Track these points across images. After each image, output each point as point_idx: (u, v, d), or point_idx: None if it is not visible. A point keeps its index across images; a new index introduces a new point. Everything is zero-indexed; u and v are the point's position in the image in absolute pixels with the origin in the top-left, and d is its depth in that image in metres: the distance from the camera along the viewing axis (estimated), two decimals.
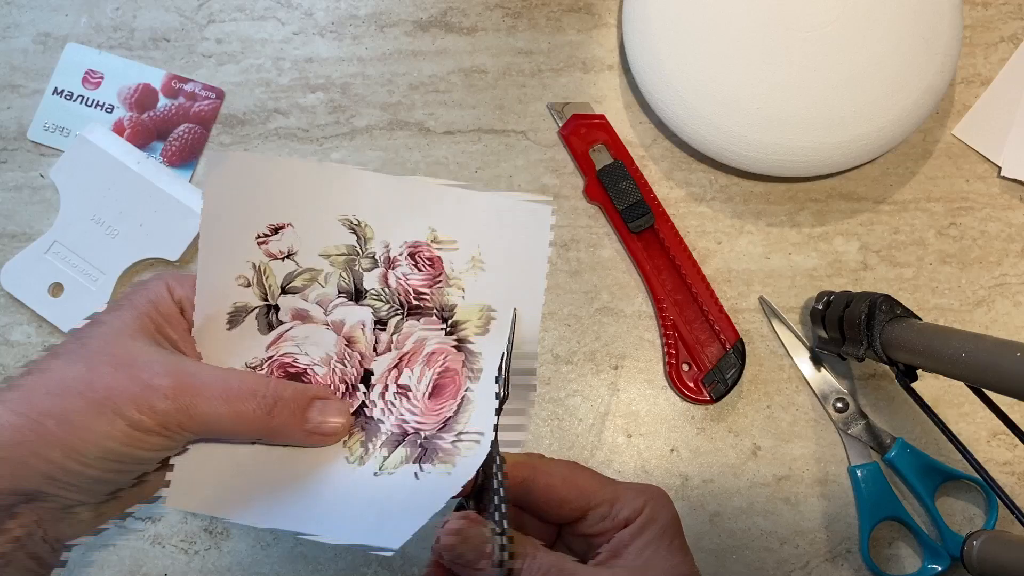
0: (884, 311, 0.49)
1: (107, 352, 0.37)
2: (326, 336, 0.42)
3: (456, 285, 0.42)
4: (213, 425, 0.38)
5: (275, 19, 0.61)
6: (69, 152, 0.58)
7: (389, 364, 0.42)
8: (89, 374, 0.37)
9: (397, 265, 0.42)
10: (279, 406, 0.39)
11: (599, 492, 0.39)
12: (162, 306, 0.40)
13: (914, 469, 0.54)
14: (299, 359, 0.42)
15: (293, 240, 0.42)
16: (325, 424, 0.40)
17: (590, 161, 0.58)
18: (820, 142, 0.55)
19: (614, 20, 0.61)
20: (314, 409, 0.40)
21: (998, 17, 0.61)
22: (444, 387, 0.41)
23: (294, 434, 0.40)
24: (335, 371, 0.41)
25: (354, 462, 0.41)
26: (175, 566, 0.54)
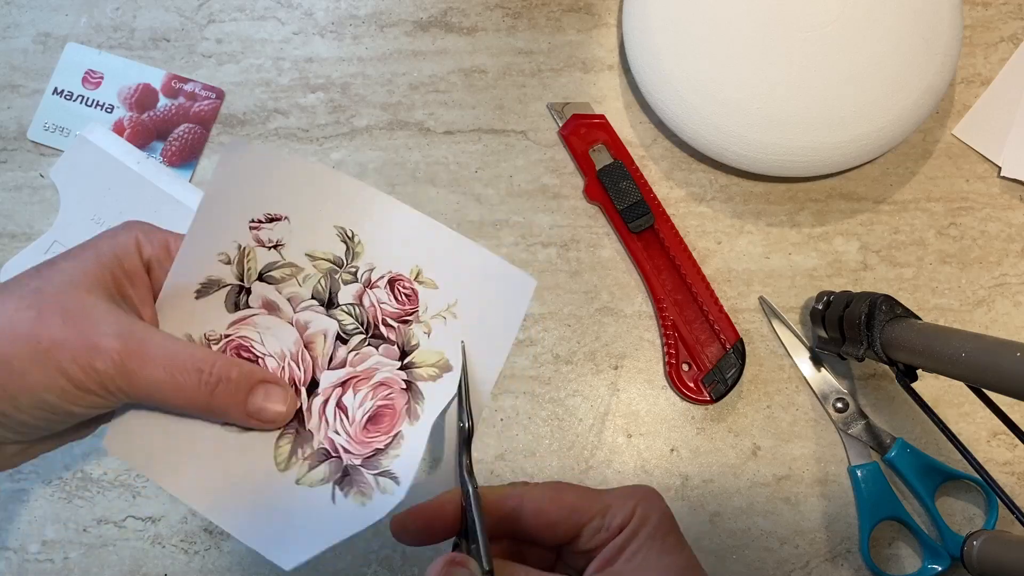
0: (884, 311, 0.49)
1: (60, 302, 0.37)
2: (287, 333, 0.42)
3: (425, 326, 0.43)
4: (153, 394, 0.37)
5: (275, 19, 0.61)
6: (69, 152, 0.58)
7: (338, 379, 0.42)
8: (38, 322, 0.36)
9: (375, 288, 0.43)
10: (222, 386, 0.38)
11: (589, 506, 0.38)
12: (127, 261, 0.39)
13: (914, 469, 0.54)
14: (255, 346, 0.42)
15: (285, 233, 0.42)
16: (267, 409, 0.40)
17: (590, 161, 0.58)
18: (820, 142, 0.55)
19: (614, 20, 0.61)
20: (258, 392, 0.40)
21: (998, 17, 0.61)
22: (381, 419, 0.42)
23: (234, 415, 0.39)
24: (286, 369, 0.42)
25: (280, 464, 0.41)
26: (175, 566, 0.54)
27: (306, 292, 0.42)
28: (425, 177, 0.59)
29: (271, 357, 0.42)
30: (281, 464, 0.41)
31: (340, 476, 0.40)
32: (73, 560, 0.54)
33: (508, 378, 0.56)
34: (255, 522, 0.39)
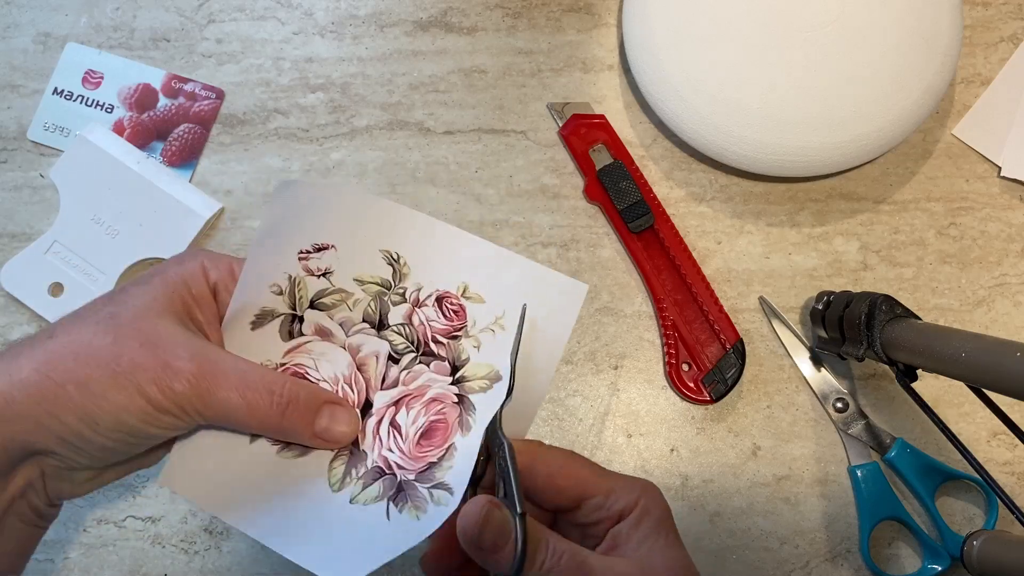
0: (884, 311, 0.49)
1: (135, 327, 0.38)
2: (341, 357, 0.43)
3: (474, 340, 0.43)
4: (227, 414, 0.39)
5: (275, 19, 0.61)
6: (69, 152, 0.58)
7: (391, 399, 0.43)
8: (116, 347, 0.37)
9: (424, 307, 0.44)
10: (292, 406, 0.40)
11: (596, 483, 0.40)
12: (195, 286, 0.41)
13: (914, 469, 0.54)
14: (310, 372, 0.43)
15: (333, 261, 0.43)
16: (333, 429, 0.41)
17: (590, 161, 0.58)
18: (820, 142, 0.55)
19: (614, 20, 0.61)
20: (324, 414, 0.41)
21: (998, 17, 0.61)
22: (434, 434, 0.42)
23: (302, 435, 0.41)
24: (340, 392, 0.42)
25: (334, 484, 0.41)
26: (175, 566, 0.54)
27: (357, 316, 0.43)
28: (425, 177, 0.59)
29: (325, 382, 0.42)
30: (335, 485, 0.41)
31: (394, 492, 0.41)
32: (73, 560, 0.54)
33: None
34: (312, 544, 0.40)
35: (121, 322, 0.38)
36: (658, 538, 0.38)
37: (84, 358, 0.37)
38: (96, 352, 0.37)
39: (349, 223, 0.43)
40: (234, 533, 0.54)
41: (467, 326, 0.43)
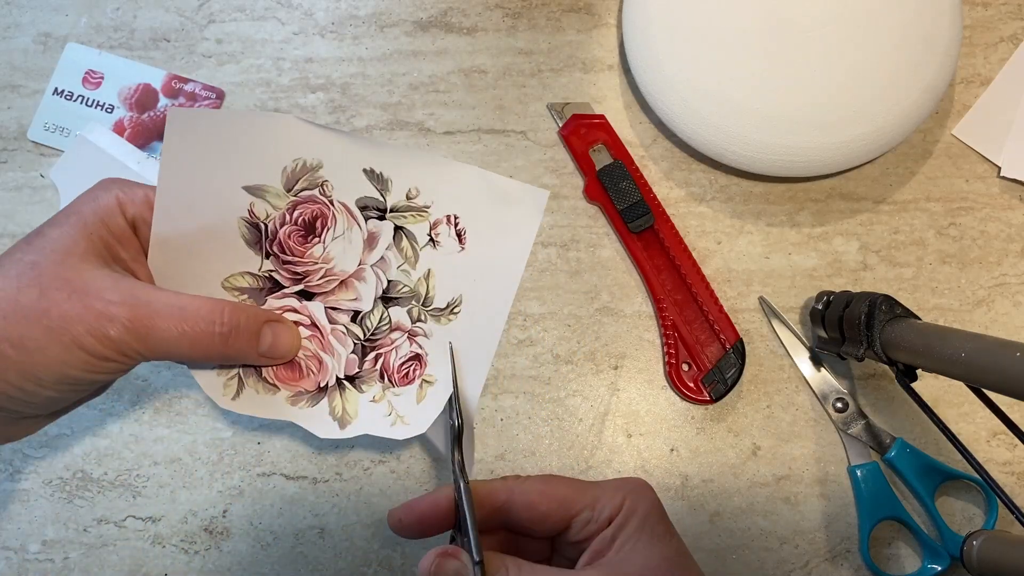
0: (884, 311, 0.49)
1: (59, 276, 0.37)
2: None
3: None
4: (169, 350, 0.38)
5: (275, 19, 0.61)
6: (69, 152, 0.58)
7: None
8: (43, 300, 0.37)
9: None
10: (234, 334, 0.39)
11: (578, 498, 0.39)
12: (112, 223, 0.40)
13: (914, 469, 0.54)
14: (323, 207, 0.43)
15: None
16: (277, 347, 0.42)
17: (590, 161, 0.58)
18: (820, 142, 0.55)
19: (614, 20, 0.61)
20: (265, 333, 0.41)
21: (998, 17, 0.61)
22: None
23: (248, 357, 0.41)
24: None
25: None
26: (175, 566, 0.54)
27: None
28: None
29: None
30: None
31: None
32: (73, 560, 0.54)
33: (508, 378, 0.56)
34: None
35: (44, 272, 0.37)
36: (640, 537, 0.38)
37: (14, 316, 0.36)
38: (25, 308, 0.36)
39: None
40: (234, 533, 0.54)
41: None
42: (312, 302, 0.43)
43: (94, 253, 0.38)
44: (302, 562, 0.54)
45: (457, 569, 0.36)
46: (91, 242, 0.39)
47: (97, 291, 0.37)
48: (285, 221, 0.43)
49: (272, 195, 0.42)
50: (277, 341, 0.42)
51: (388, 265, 0.44)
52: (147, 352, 0.38)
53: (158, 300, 0.38)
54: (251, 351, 0.41)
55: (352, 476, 0.55)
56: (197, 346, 0.38)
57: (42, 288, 0.37)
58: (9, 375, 0.36)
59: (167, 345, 0.38)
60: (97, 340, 0.37)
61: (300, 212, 0.43)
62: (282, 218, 0.43)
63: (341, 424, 0.43)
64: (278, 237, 0.43)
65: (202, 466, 0.55)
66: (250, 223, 0.42)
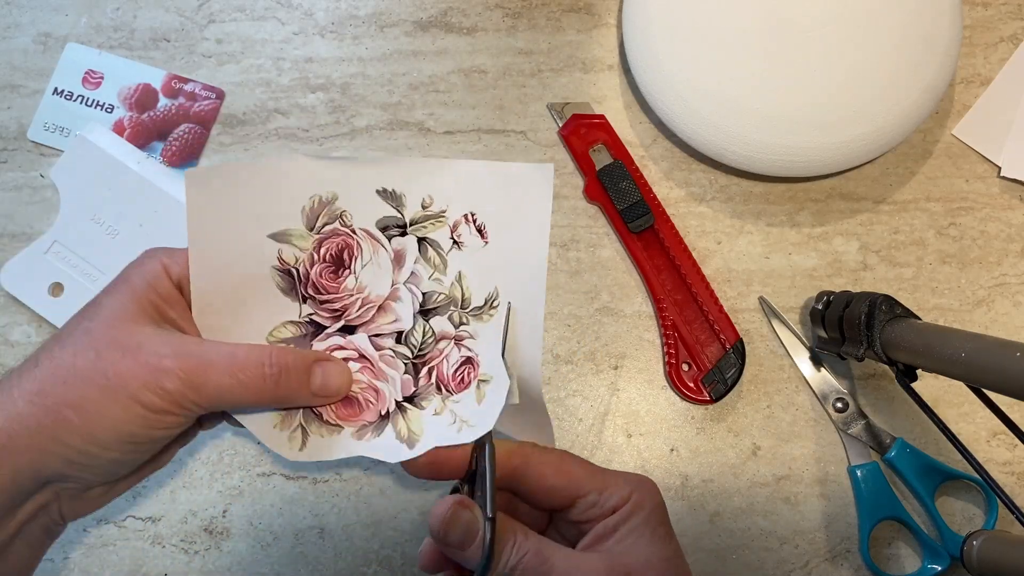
0: (884, 311, 0.49)
1: (113, 338, 0.38)
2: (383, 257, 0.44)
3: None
4: (224, 398, 0.39)
5: (275, 19, 0.61)
6: (69, 152, 0.58)
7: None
8: (99, 361, 0.38)
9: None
10: (284, 375, 0.40)
11: (588, 481, 0.40)
12: (160, 286, 0.41)
13: (914, 469, 0.54)
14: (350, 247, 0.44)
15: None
16: (329, 385, 0.42)
17: (590, 161, 0.58)
18: (820, 142, 0.55)
19: (614, 20, 0.61)
20: (316, 373, 0.42)
21: (998, 17, 0.61)
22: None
23: (301, 398, 0.42)
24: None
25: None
26: (175, 566, 0.54)
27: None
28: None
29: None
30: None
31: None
32: (73, 560, 0.54)
33: None
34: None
35: (97, 336, 0.38)
36: (643, 532, 0.39)
37: (72, 380, 0.37)
38: (82, 371, 0.37)
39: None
40: (234, 533, 0.54)
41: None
42: (356, 335, 0.43)
43: (144, 315, 0.40)
44: (302, 562, 0.54)
45: (469, 520, 0.37)
46: (140, 305, 0.40)
47: (149, 348, 0.38)
48: (314, 261, 0.43)
49: (297, 237, 0.43)
50: (328, 379, 0.42)
51: (419, 278, 0.44)
52: (203, 402, 0.38)
53: (209, 351, 0.39)
54: (303, 391, 0.41)
55: (352, 476, 0.55)
56: (250, 391, 0.39)
57: (97, 351, 0.38)
58: (73, 440, 0.37)
59: (221, 392, 0.39)
60: (154, 394, 0.37)
61: (326, 248, 0.43)
62: (311, 258, 0.43)
63: (410, 444, 0.42)
64: (311, 278, 0.43)
65: (202, 466, 0.55)
66: (282, 271, 0.43)
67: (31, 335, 0.57)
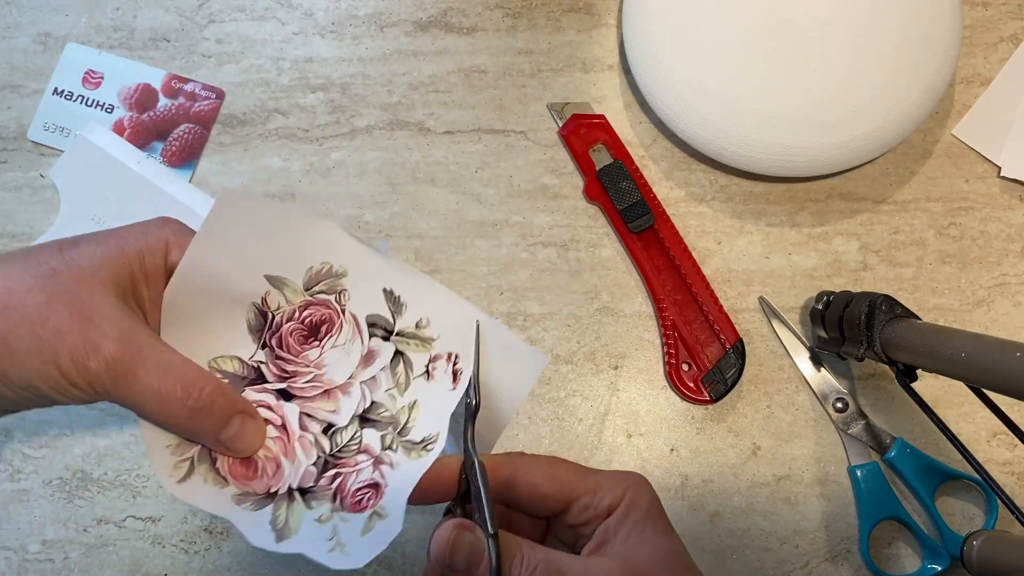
0: (884, 311, 0.49)
1: (71, 292, 0.37)
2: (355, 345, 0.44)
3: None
4: (135, 402, 0.38)
5: (275, 19, 0.61)
6: (69, 152, 0.58)
7: None
8: (46, 308, 0.36)
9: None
10: (203, 413, 0.39)
11: (580, 484, 0.40)
12: (150, 261, 0.39)
13: (914, 469, 0.54)
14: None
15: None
16: (238, 441, 0.40)
17: (590, 161, 0.58)
18: (820, 142, 0.55)
19: (614, 20, 0.61)
20: (233, 423, 0.40)
21: (998, 17, 0.61)
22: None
23: (207, 439, 0.40)
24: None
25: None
26: (175, 566, 0.54)
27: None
28: (425, 177, 0.59)
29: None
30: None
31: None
32: (73, 560, 0.54)
33: None
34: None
35: (60, 282, 0.37)
36: (644, 529, 0.38)
37: (11, 312, 0.36)
38: (25, 309, 0.36)
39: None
40: (234, 533, 0.54)
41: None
42: (289, 403, 0.43)
43: (116, 282, 0.38)
44: (302, 562, 0.54)
45: (473, 542, 0.36)
46: (118, 270, 0.38)
47: (99, 319, 0.37)
48: (292, 317, 0.42)
49: (290, 289, 0.42)
50: (242, 434, 0.40)
51: (377, 386, 0.43)
52: (115, 395, 0.37)
53: (150, 350, 0.38)
54: (212, 435, 0.40)
55: None
56: (163, 409, 0.38)
57: (50, 296, 0.37)
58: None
59: (136, 397, 0.37)
60: (75, 365, 0.36)
61: (310, 313, 0.43)
62: (291, 314, 0.42)
63: (279, 536, 0.41)
64: (280, 331, 0.43)
65: None
66: (259, 310, 0.42)
67: None
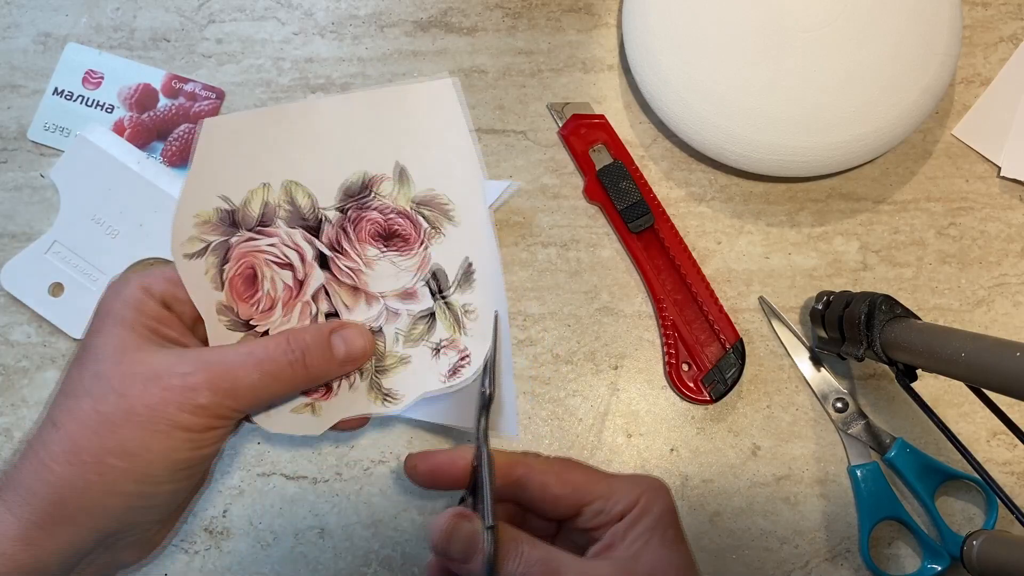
0: (884, 311, 0.49)
1: (127, 373, 0.37)
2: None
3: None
4: (259, 396, 0.39)
5: (275, 19, 0.61)
6: (69, 152, 0.58)
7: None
8: (124, 401, 0.36)
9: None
10: (308, 355, 0.40)
11: (594, 488, 0.39)
12: (147, 309, 0.40)
13: (914, 469, 0.54)
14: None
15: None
16: (353, 349, 0.42)
17: (590, 161, 0.58)
18: (820, 142, 0.55)
19: (614, 20, 0.61)
20: (336, 342, 0.41)
21: (998, 17, 0.61)
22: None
23: (331, 372, 0.42)
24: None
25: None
26: (175, 566, 0.54)
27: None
28: None
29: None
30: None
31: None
32: None
33: None
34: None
35: (111, 376, 0.37)
36: (653, 536, 0.38)
37: (104, 428, 0.36)
38: (111, 416, 0.36)
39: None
40: (234, 533, 0.54)
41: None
42: (318, 270, 0.45)
43: (146, 341, 0.39)
44: (302, 562, 0.54)
45: (470, 532, 0.36)
46: (138, 333, 0.39)
47: (168, 371, 0.37)
48: (384, 210, 0.45)
49: (405, 187, 0.46)
50: (350, 344, 0.42)
51: (395, 320, 0.45)
52: (239, 406, 0.38)
53: (227, 356, 0.38)
54: (331, 364, 0.41)
55: (352, 476, 0.55)
56: (281, 381, 0.39)
57: (117, 392, 0.37)
58: (127, 486, 0.36)
59: (255, 391, 0.38)
60: (191, 414, 0.36)
61: (398, 220, 0.46)
62: (384, 208, 0.45)
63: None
64: (364, 215, 0.45)
65: None
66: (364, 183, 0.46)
67: (31, 335, 0.57)
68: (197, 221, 0.44)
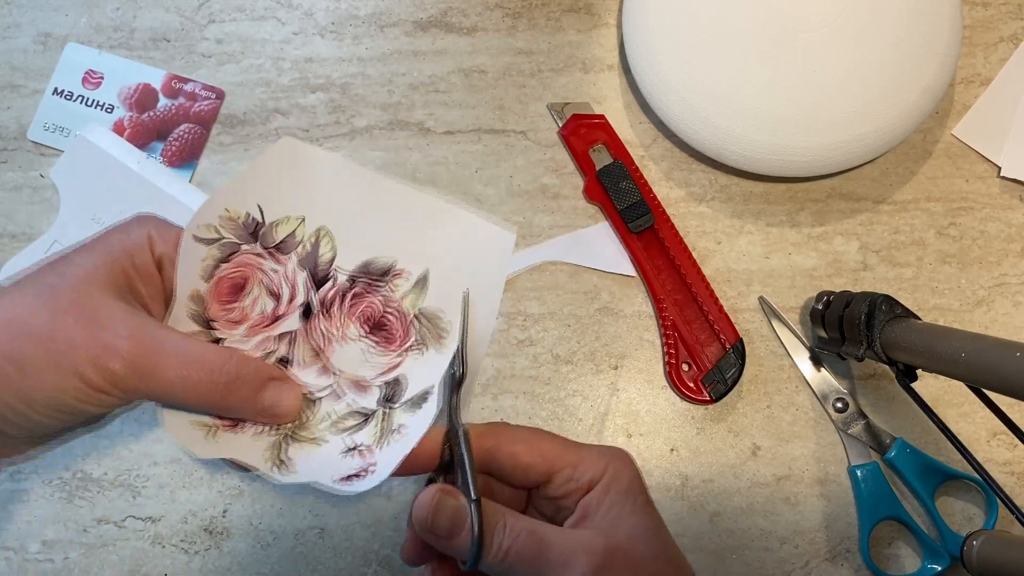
0: (884, 311, 0.49)
1: (73, 302, 0.37)
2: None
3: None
4: (167, 393, 0.38)
5: (275, 19, 0.61)
6: (69, 152, 0.58)
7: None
8: (52, 323, 0.36)
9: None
10: (235, 384, 0.39)
11: (563, 456, 0.40)
12: (138, 257, 0.39)
13: (914, 469, 0.54)
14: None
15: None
16: (279, 406, 0.41)
17: (590, 161, 0.58)
18: (820, 142, 0.55)
19: (614, 20, 0.61)
20: (269, 389, 0.40)
21: (998, 17, 0.61)
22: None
23: (245, 412, 0.40)
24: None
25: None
26: (175, 566, 0.54)
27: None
28: (425, 177, 0.59)
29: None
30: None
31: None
32: (73, 560, 0.54)
33: (508, 378, 0.56)
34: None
35: (59, 295, 0.37)
36: (625, 504, 0.38)
37: (20, 334, 0.36)
38: (32, 328, 0.36)
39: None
40: (234, 533, 0.54)
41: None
42: (302, 320, 0.45)
43: (112, 284, 0.38)
44: (302, 562, 0.54)
45: (456, 506, 0.36)
46: (112, 272, 0.38)
47: (107, 321, 0.37)
48: (345, 290, 0.46)
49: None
50: (279, 400, 0.40)
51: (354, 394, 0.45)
52: (145, 391, 0.37)
53: (166, 340, 0.38)
54: (249, 404, 0.40)
55: None
56: (195, 392, 0.38)
57: (53, 311, 0.36)
58: (4, 393, 0.36)
59: (167, 387, 0.37)
60: (97, 371, 0.36)
61: (363, 301, 0.46)
62: (343, 286, 0.46)
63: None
64: (331, 294, 0.45)
65: (202, 466, 0.55)
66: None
67: None
68: (224, 215, 0.44)
